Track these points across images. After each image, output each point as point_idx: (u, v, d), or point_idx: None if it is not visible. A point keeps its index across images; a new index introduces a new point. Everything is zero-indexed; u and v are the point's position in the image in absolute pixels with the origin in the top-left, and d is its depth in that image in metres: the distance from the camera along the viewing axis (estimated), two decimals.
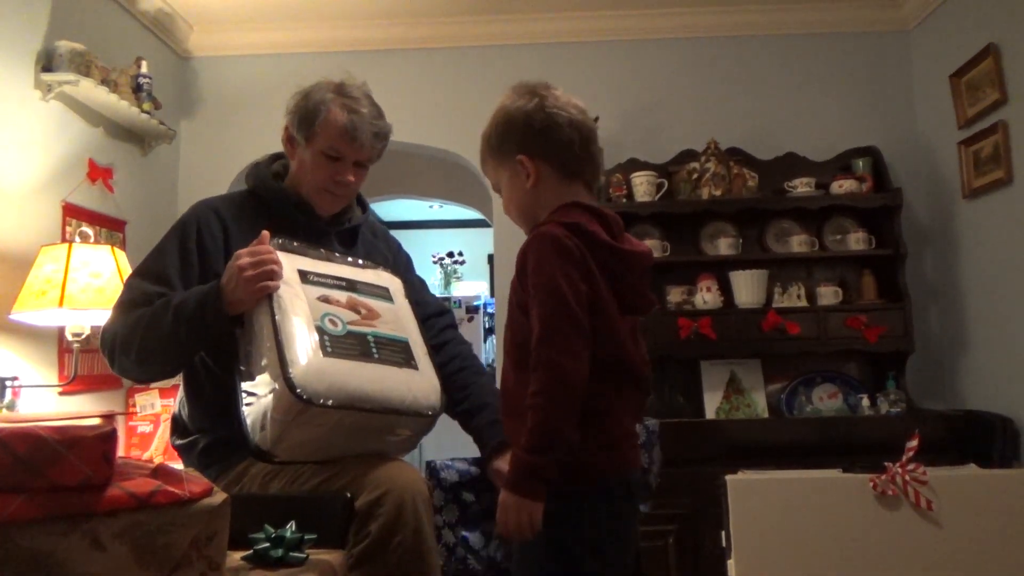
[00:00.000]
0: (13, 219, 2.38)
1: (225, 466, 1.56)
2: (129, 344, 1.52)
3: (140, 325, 1.51)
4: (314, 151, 1.66)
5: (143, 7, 3.13)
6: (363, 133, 1.64)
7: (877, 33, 3.41)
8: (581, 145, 1.34)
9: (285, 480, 1.50)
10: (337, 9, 3.34)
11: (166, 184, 3.38)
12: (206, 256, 1.61)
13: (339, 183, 1.68)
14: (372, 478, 1.39)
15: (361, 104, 1.66)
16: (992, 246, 2.84)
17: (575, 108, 1.36)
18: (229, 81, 3.52)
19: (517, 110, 1.34)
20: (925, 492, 2.01)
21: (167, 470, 0.97)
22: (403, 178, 4.77)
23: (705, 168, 3.11)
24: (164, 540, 0.91)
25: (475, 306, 6.19)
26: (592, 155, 1.37)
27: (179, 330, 1.48)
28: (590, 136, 1.36)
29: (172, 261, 1.60)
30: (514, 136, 1.35)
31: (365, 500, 1.36)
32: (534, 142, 1.33)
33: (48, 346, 2.51)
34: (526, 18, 3.42)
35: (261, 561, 1.15)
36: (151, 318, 1.50)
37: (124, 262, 2.35)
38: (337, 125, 1.63)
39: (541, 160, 1.33)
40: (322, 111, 1.64)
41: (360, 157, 1.68)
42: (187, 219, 1.66)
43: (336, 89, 1.67)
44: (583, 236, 1.27)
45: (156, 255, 1.63)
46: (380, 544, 1.33)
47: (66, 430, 0.89)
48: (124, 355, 1.54)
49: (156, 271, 1.60)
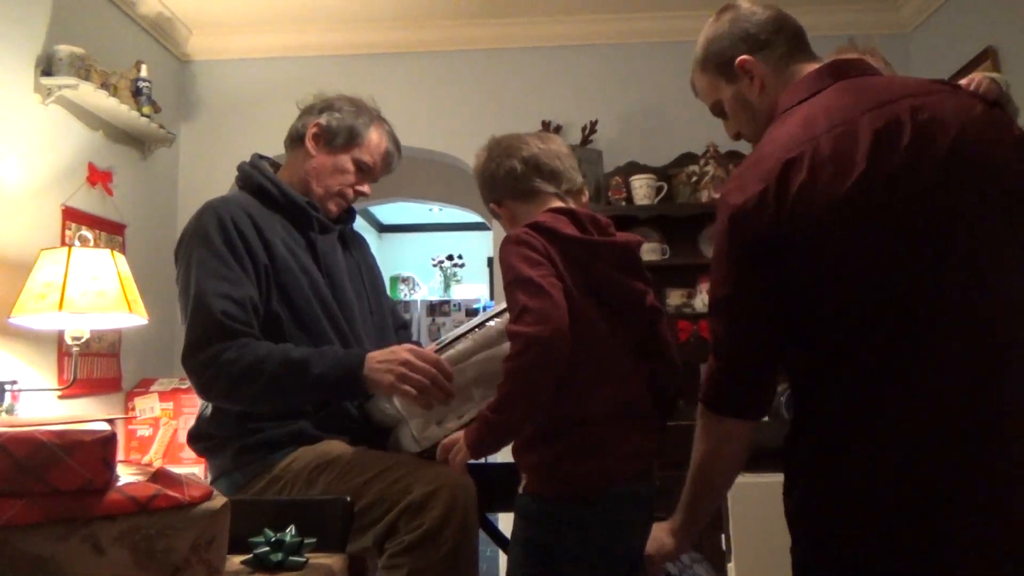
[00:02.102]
0: (13, 223, 2.38)
1: (263, 465, 1.56)
2: (244, 387, 1.51)
3: (263, 376, 1.49)
4: (347, 159, 1.76)
5: (142, 11, 3.13)
6: (394, 161, 1.85)
7: (876, 36, 3.41)
8: (527, 170, 1.47)
9: (334, 475, 1.50)
10: (336, 13, 3.34)
11: (166, 187, 3.38)
12: (249, 247, 1.60)
13: (358, 192, 1.81)
14: (427, 473, 1.45)
15: (394, 135, 1.85)
16: None
17: (521, 142, 1.50)
18: (228, 85, 3.52)
19: (477, 171, 1.55)
20: None
21: (167, 474, 0.97)
22: (403, 181, 4.77)
23: (704, 171, 3.11)
24: (164, 544, 0.91)
25: (475, 309, 6.20)
26: (548, 171, 1.48)
27: (313, 394, 1.57)
28: (536, 158, 1.47)
29: (233, 266, 1.57)
30: (484, 192, 1.56)
31: (420, 492, 1.41)
32: (493, 190, 1.52)
33: (48, 350, 2.51)
34: (526, 22, 3.43)
35: (261, 565, 1.16)
36: (278, 375, 1.49)
37: (124, 266, 2.35)
38: (382, 147, 1.80)
39: (505, 199, 1.51)
40: (371, 128, 1.78)
41: (378, 177, 1.84)
42: (220, 216, 1.61)
43: (376, 112, 1.84)
44: (542, 231, 1.35)
45: (214, 265, 1.57)
46: (432, 535, 1.38)
47: (65, 434, 0.89)
48: (233, 395, 1.53)
49: (230, 281, 1.56)
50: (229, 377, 1.50)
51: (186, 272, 1.61)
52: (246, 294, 1.56)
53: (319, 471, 1.52)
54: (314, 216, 1.73)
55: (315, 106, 1.80)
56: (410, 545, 1.38)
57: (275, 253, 1.62)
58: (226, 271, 1.56)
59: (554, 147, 1.50)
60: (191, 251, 1.61)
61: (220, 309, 1.52)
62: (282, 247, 1.64)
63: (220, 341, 1.51)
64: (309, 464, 1.53)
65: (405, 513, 1.41)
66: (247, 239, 1.60)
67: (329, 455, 1.55)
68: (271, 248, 1.62)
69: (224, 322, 1.51)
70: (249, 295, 1.56)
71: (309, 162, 1.76)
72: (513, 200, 1.50)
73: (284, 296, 1.61)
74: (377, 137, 1.79)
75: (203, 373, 1.53)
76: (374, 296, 1.85)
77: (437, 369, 1.48)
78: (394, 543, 1.41)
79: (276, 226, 1.67)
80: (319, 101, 1.81)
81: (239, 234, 1.60)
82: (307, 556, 1.19)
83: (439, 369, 1.48)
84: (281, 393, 1.52)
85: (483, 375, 1.53)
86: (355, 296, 1.76)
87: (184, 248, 1.65)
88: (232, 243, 1.59)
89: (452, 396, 1.49)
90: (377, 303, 1.86)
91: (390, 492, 1.44)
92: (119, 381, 2.90)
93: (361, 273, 1.84)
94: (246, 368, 1.49)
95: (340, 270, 1.75)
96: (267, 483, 1.55)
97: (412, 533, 1.39)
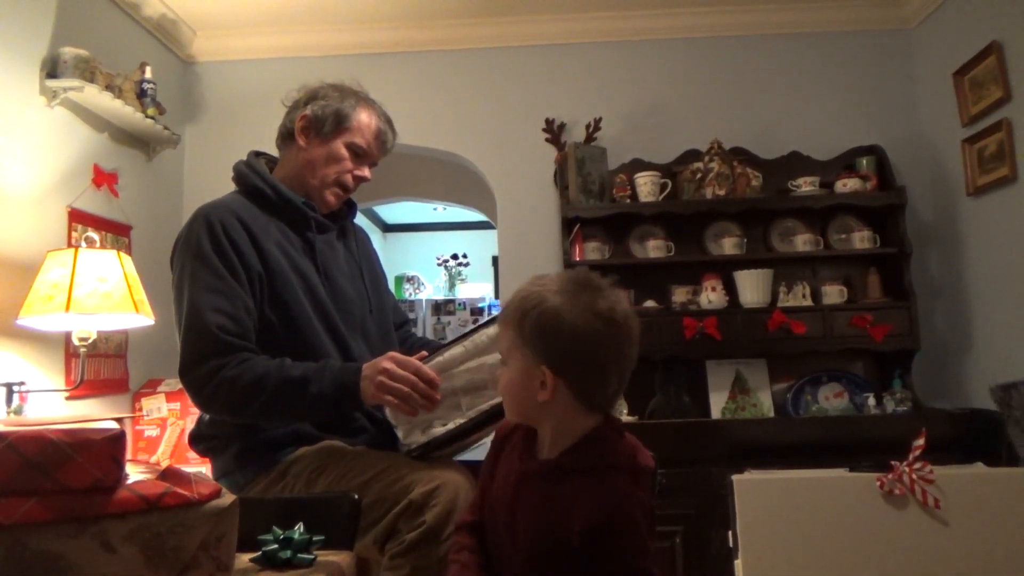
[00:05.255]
0: (19, 225, 2.39)
1: (264, 465, 1.57)
2: (245, 406, 1.51)
3: (263, 394, 1.49)
4: (339, 144, 1.73)
5: (147, 13, 3.14)
6: (389, 139, 1.79)
7: (879, 31, 3.40)
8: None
9: (334, 475, 1.51)
10: (340, 13, 3.35)
11: (171, 188, 3.39)
12: (242, 256, 1.59)
13: (356, 178, 1.77)
14: (427, 472, 1.45)
15: (385, 113, 1.81)
16: (997, 243, 2.83)
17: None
18: (233, 85, 3.53)
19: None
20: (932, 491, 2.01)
21: (176, 472, 0.97)
22: (407, 180, 4.78)
23: (709, 168, 3.11)
24: (173, 542, 0.91)
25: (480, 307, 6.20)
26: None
27: (312, 412, 1.55)
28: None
29: (226, 277, 1.56)
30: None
31: (421, 491, 1.41)
32: None
33: (55, 351, 2.52)
34: (529, 20, 3.43)
35: (269, 563, 1.16)
36: (278, 394, 1.49)
37: (130, 267, 2.36)
38: (372, 126, 1.77)
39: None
40: (358, 109, 1.74)
41: (376, 159, 1.80)
42: (211, 225, 1.59)
43: (363, 94, 1.79)
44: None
45: (207, 277, 1.56)
46: (434, 533, 1.39)
47: (75, 433, 0.89)
48: (234, 411, 1.54)
49: (224, 294, 1.55)
50: (230, 395, 1.50)
51: (179, 283, 1.60)
52: (241, 306, 1.55)
53: (319, 472, 1.53)
54: (311, 216, 1.71)
55: (300, 100, 1.78)
56: (411, 544, 1.39)
57: (269, 259, 1.61)
58: (219, 283, 1.55)
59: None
60: (183, 262, 1.60)
61: (215, 324, 1.51)
62: (276, 252, 1.62)
63: (217, 357, 1.50)
64: (309, 465, 1.54)
65: (406, 512, 1.41)
66: (239, 247, 1.58)
67: (330, 456, 1.55)
68: (264, 254, 1.60)
69: (220, 336, 1.51)
70: (244, 306, 1.55)
71: (302, 155, 1.74)
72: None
73: (277, 302, 1.60)
74: (367, 117, 1.76)
75: (202, 389, 1.52)
76: (375, 294, 1.84)
77: (418, 376, 1.46)
78: (395, 543, 1.41)
79: (271, 229, 1.65)
80: (303, 94, 1.78)
81: (231, 243, 1.58)
82: (315, 553, 1.19)
83: (420, 376, 1.47)
84: (281, 411, 1.52)
85: (471, 384, 1.52)
86: (355, 296, 1.75)
87: (177, 257, 1.64)
88: (224, 253, 1.57)
89: (435, 403, 1.48)
90: (378, 301, 1.84)
91: (390, 492, 1.44)
92: (126, 382, 2.91)
93: (362, 271, 1.83)
94: (246, 386, 1.49)
95: (338, 270, 1.74)
96: (268, 483, 1.55)
97: (413, 532, 1.39)
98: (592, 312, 1.09)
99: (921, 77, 3.34)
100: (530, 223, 3.40)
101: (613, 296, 1.13)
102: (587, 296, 1.11)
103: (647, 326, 2.99)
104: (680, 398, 3.11)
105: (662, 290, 3.20)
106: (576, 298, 1.11)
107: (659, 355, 3.03)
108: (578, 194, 3.13)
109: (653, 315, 3.04)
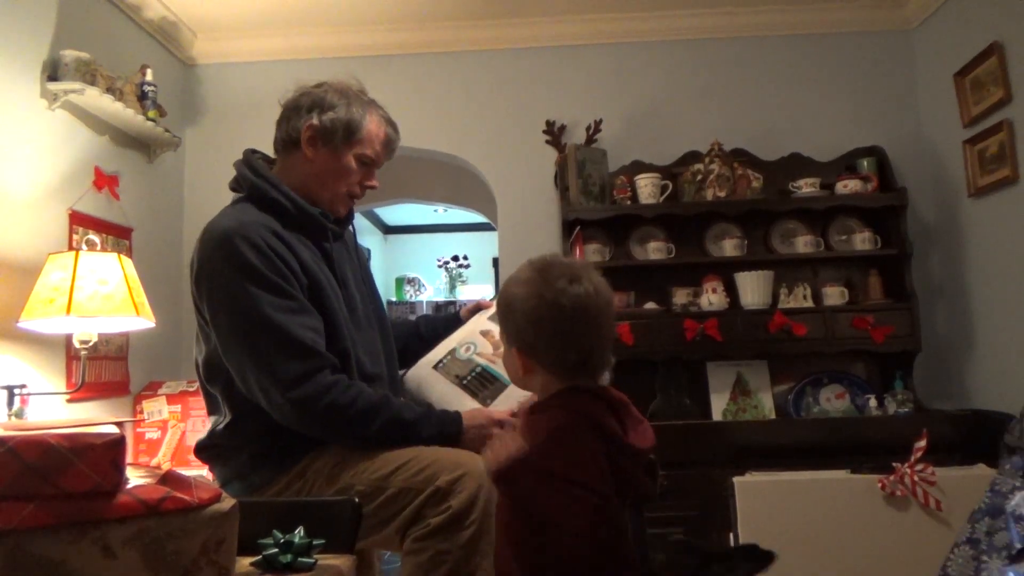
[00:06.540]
0: (20, 227, 2.39)
1: (283, 466, 1.58)
2: (350, 429, 1.54)
3: (374, 425, 1.53)
4: (349, 157, 1.69)
5: (147, 15, 3.15)
6: (395, 144, 1.77)
7: (880, 32, 3.40)
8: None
9: (356, 469, 1.52)
10: (341, 15, 3.35)
11: (172, 191, 3.39)
12: (293, 271, 1.57)
13: (366, 188, 1.76)
14: (452, 460, 1.48)
15: (388, 115, 1.77)
16: (998, 244, 2.83)
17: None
18: (233, 88, 3.53)
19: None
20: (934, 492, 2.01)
21: (176, 477, 0.97)
22: (408, 182, 4.78)
23: (709, 169, 3.11)
24: (174, 546, 0.91)
25: None
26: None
27: (408, 447, 1.56)
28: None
29: (293, 294, 1.55)
30: None
31: (446, 479, 1.45)
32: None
33: (56, 353, 2.52)
34: (529, 22, 3.43)
35: (270, 566, 1.16)
36: (389, 429, 1.54)
37: (131, 269, 2.36)
38: (381, 135, 1.73)
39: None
40: (367, 116, 1.71)
41: (382, 164, 1.78)
42: (255, 244, 1.54)
43: (365, 96, 1.75)
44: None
45: (275, 298, 1.53)
46: (459, 517, 1.42)
47: (75, 437, 0.89)
48: (336, 432, 1.55)
49: (301, 311, 1.55)
50: (342, 417, 1.52)
51: (235, 307, 1.53)
52: (318, 320, 1.57)
53: (341, 467, 1.54)
54: (328, 227, 1.70)
55: (302, 104, 1.70)
56: (436, 528, 1.42)
57: (308, 272, 1.60)
58: (291, 302, 1.54)
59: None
60: (236, 286, 1.52)
61: (309, 340, 1.52)
62: (312, 264, 1.62)
63: (321, 372, 1.52)
64: (330, 461, 1.55)
65: (432, 499, 1.44)
66: (288, 263, 1.56)
67: (351, 451, 1.56)
68: (304, 266, 1.60)
69: (320, 352, 1.53)
70: (319, 319, 1.57)
71: (309, 166, 1.68)
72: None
73: (322, 313, 1.60)
74: (375, 126, 1.71)
75: (311, 405, 1.50)
76: (372, 296, 1.85)
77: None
78: (419, 527, 1.44)
79: (296, 242, 1.62)
80: (304, 97, 1.71)
81: (281, 260, 1.55)
82: (316, 557, 1.19)
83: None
84: (383, 443, 1.54)
85: (445, 396, 1.71)
86: (362, 300, 1.76)
87: (221, 280, 1.54)
88: (280, 271, 1.54)
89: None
90: (375, 303, 1.85)
91: (415, 481, 1.47)
92: (127, 384, 2.91)
93: (361, 274, 1.84)
94: (360, 413, 1.52)
95: (351, 277, 1.75)
96: (288, 481, 1.56)
97: (439, 516, 1.43)
98: (538, 296, 1.22)
99: (922, 78, 3.34)
100: (531, 225, 3.40)
101: (568, 277, 1.23)
102: (539, 281, 1.24)
103: (647, 328, 3.00)
104: (681, 400, 3.11)
105: (663, 292, 3.20)
106: (529, 285, 1.25)
107: (660, 357, 3.03)
108: (579, 196, 3.13)
109: (654, 317, 3.04)
